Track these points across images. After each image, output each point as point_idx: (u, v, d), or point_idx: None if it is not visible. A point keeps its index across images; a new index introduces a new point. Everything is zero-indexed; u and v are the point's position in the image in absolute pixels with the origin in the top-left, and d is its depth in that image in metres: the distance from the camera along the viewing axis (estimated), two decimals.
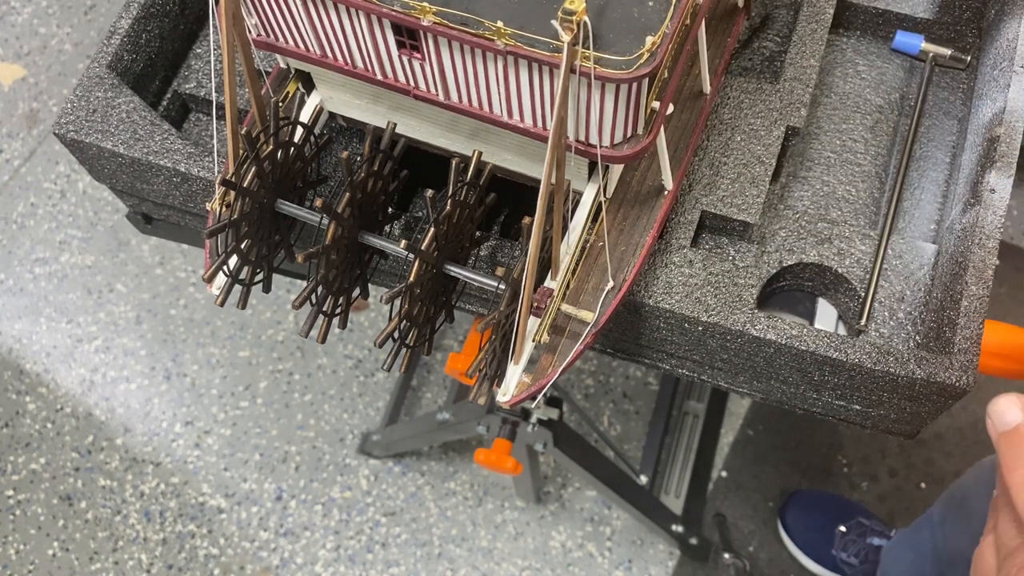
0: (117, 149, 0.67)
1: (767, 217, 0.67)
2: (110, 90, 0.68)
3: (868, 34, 0.77)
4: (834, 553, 1.36)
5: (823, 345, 0.59)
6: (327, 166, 0.69)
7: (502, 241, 0.65)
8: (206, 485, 1.52)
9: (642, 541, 1.46)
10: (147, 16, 0.71)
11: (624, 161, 0.52)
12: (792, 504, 1.44)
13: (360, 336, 1.61)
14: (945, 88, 0.75)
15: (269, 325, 1.62)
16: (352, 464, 1.53)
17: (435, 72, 0.51)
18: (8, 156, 1.77)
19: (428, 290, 0.55)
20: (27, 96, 1.82)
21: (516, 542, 1.47)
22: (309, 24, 0.53)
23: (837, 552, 1.35)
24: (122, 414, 1.57)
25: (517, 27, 0.45)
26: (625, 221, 0.60)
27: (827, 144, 0.73)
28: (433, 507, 1.50)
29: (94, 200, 1.72)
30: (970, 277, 0.59)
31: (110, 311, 1.64)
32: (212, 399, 1.57)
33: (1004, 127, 0.64)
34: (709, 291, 0.61)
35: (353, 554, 1.47)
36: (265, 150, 0.55)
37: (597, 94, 0.47)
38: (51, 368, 1.60)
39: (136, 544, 1.49)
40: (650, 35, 0.46)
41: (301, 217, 0.57)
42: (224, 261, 0.55)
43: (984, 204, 0.61)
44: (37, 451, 1.55)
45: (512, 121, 0.53)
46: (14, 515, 1.51)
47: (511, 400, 0.55)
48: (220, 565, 1.47)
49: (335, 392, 1.57)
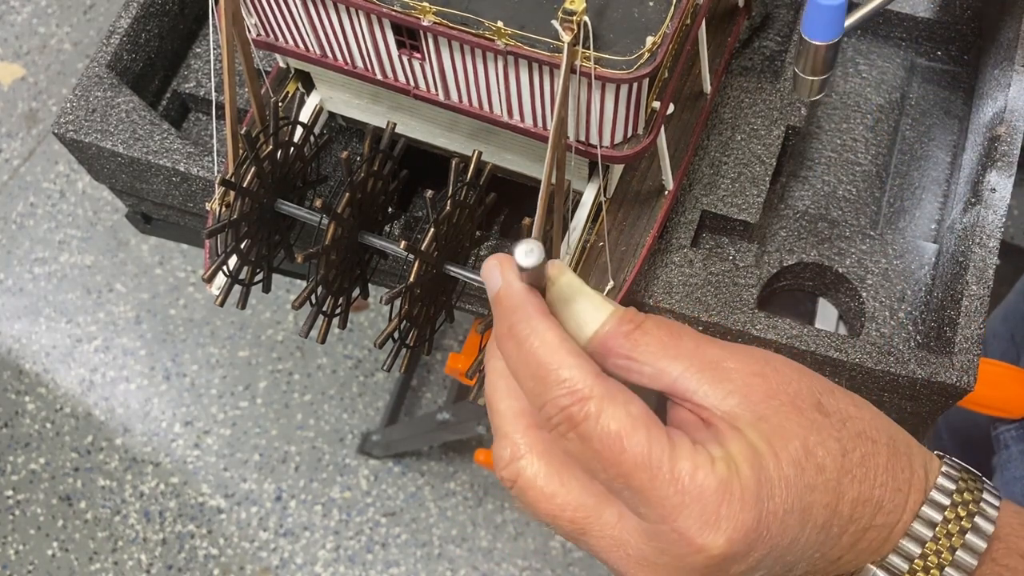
0: (116, 149, 0.66)
1: (767, 217, 0.67)
2: (109, 90, 0.68)
3: (868, 34, 0.77)
4: None
5: (823, 345, 0.58)
6: (327, 166, 0.69)
7: (502, 241, 0.65)
8: (206, 485, 1.52)
9: None
10: (146, 16, 0.71)
11: (624, 161, 0.52)
12: None
13: (360, 336, 1.61)
14: (946, 87, 0.75)
15: (269, 325, 1.61)
16: (352, 464, 1.53)
17: (435, 72, 0.51)
18: (7, 156, 1.77)
19: (428, 290, 0.55)
20: (26, 96, 1.82)
21: (516, 542, 1.47)
22: (309, 24, 0.53)
23: None
24: (121, 414, 1.57)
25: (517, 27, 0.45)
26: (625, 221, 0.60)
27: (827, 144, 0.73)
28: (433, 507, 1.50)
29: (93, 200, 1.72)
30: (971, 277, 0.59)
31: (109, 311, 1.64)
32: (212, 399, 1.57)
33: (1005, 126, 0.64)
34: (709, 291, 0.61)
35: (353, 554, 1.47)
36: (265, 150, 0.55)
37: (597, 94, 0.47)
38: (50, 368, 1.60)
39: (136, 544, 1.49)
40: (650, 35, 0.46)
41: (301, 217, 0.57)
42: (224, 261, 0.55)
43: (985, 203, 0.61)
44: (36, 451, 1.55)
45: (512, 121, 0.52)
46: (14, 515, 1.51)
47: None
48: (220, 565, 1.47)
49: (335, 392, 1.57)
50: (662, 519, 0.33)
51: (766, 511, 0.34)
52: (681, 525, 0.33)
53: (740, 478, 0.34)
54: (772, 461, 0.35)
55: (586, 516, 0.36)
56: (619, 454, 0.33)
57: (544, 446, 0.37)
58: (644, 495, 0.34)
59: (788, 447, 0.35)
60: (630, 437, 0.34)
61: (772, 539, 0.34)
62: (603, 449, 0.34)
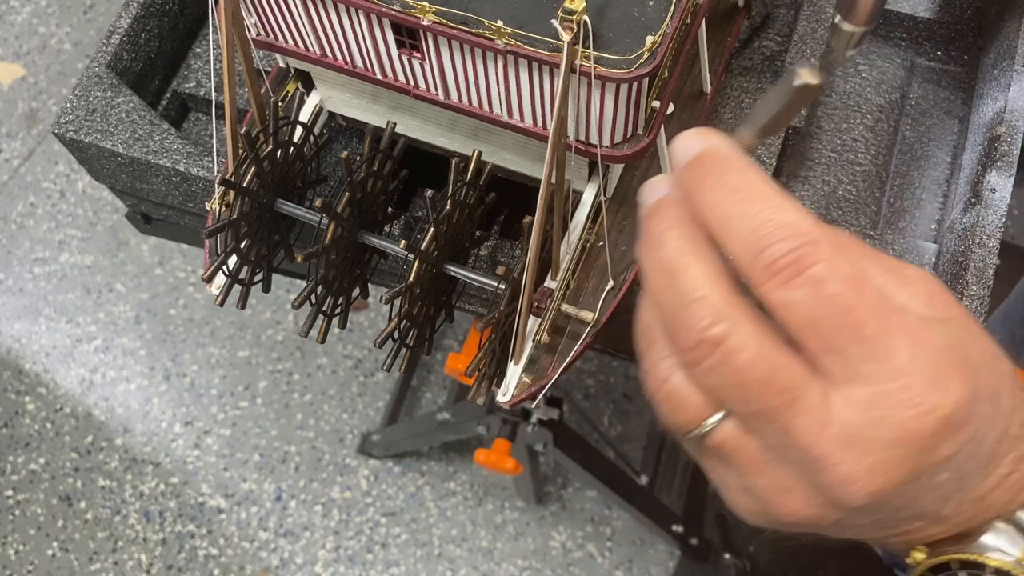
0: (116, 149, 0.66)
1: None
2: (109, 90, 0.68)
3: (868, 34, 0.77)
4: None
5: None
6: (327, 166, 0.69)
7: (502, 241, 0.65)
8: (206, 485, 1.52)
9: (642, 541, 1.46)
10: (146, 15, 0.71)
11: (624, 161, 0.52)
12: None
13: (360, 336, 1.61)
14: (946, 87, 0.75)
15: (269, 325, 1.61)
16: (352, 464, 1.53)
17: (435, 72, 0.51)
18: (7, 156, 1.77)
19: (428, 290, 0.55)
20: (26, 96, 1.82)
21: (516, 542, 1.47)
22: (309, 24, 0.53)
23: None
24: (121, 414, 1.57)
25: (517, 26, 0.45)
26: (625, 221, 0.60)
27: (827, 144, 0.73)
28: (433, 507, 1.50)
29: (93, 200, 1.72)
30: (971, 277, 0.59)
31: (109, 311, 1.64)
32: (212, 399, 1.57)
33: (1005, 126, 0.64)
34: None
35: (353, 554, 1.47)
36: (265, 150, 0.55)
37: (597, 94, 0.47)
38: (50, 368, 1.60)
39: (136, 544, 1.49)
40: (650, 35, 0.46)
41: (301, 217, 0.57)
42: (223, 261, 0.55)
43: (985, 203, 0.61)
44: (37, 451, 1.55)
45: (512, 121, 0.52)
46: (14, 515, 1.51)
47: (511, 400, 0.55)
48: (220, 565, 1.47)
49: (335, 392, 1.57)
50: (893, 375, 0.31)
51: (977, 386, 0.32)
52: (914, 381, 0.31)
53: (960, 346, 0.32)
54: (973, 347, 0.33)
55: (796, 385, 0.32)
56: (857, 297, 0.31)
57: (746, 309, 0.33)
58: (874, 345, 0.31)
59: (980, 342, 0.34)
60: (865, 282, 0.31)
61: (975, 424, 0.32)
62: (837, 295, 0.31)
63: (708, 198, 0.33)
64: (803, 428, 0.32)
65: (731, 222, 0.32)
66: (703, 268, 0.33)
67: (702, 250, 0.34)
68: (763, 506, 0.35)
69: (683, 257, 0.34)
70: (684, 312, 0.33)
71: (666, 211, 0.35)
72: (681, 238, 0.34)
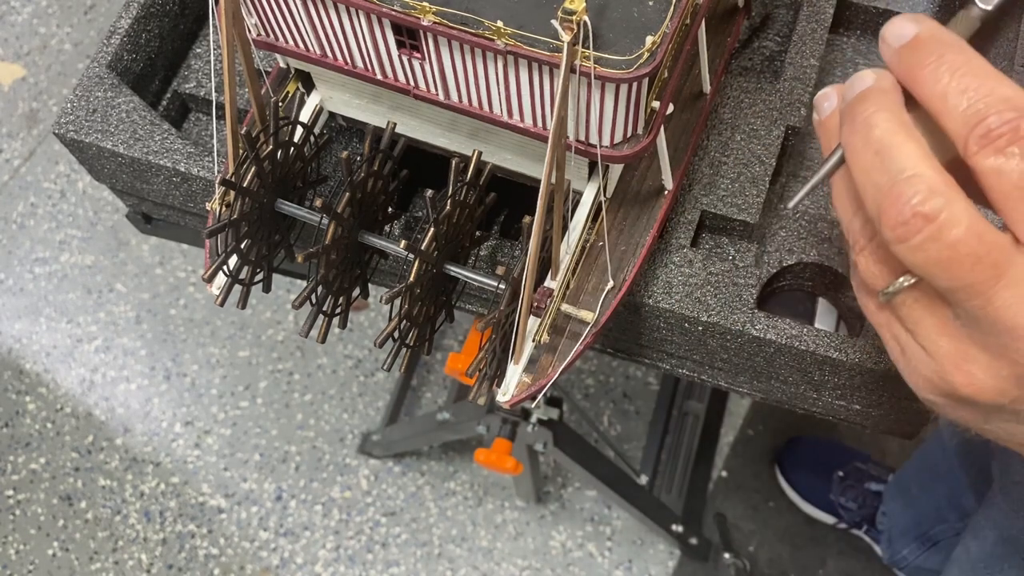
0: (117, 149, 0.66)
1: (767, 217, 0.67)
2: (110, 90, 0.68)
3: (868, 34, 0.77)
4: (832, 498, 1.36)
5: (823, 345, 0.59)
6: (327, 166, 0.69)
7: (502, 241, 0.65)
8: (206, 485, 1.52)
9: (642, 541, 1.46)
10: (147, 16, 0.71)
11: (624, 161, 0.52)
12: (790, 450, 1.44)
13: (360, 336, 1.61)
14: None
15: (269, 325, 1.62)
16: (352, 464, 1.53)
17: (435, 72, 0.51)
18: (8, 156, 1.77)
19: (428, 290, 0.55)
20: (27, 96, 1.82)
21: (516, 542, 1.47)
22: (309, 24, 0.53)
23: (836, 497, 1.35)
24: (122, 414, 1.57)
25: (517, 27, 0.45)
26: (625, 221, 0.60)
27: None
28: (433, 507, 1.50)
29: (94, 200, 1.72)
30: None
31: (110, 311, 1.64)
32: (212, 399, 1.57)
33: None
34: (709, 291, 0.61)
35: (353, 554, 1.47)
36: (265, 150, 0.55)
37: (597, 94, 0.47)
38: (51, 368, 1.60)
39: (136, 544, 1.49)
40: (650, 35, 0.46)
41: (301, 217, 0.57)
42: (224, 261, 0.55)
43: None
44: (37, 451, 1.55)
45: (512, 121, 0.52)
46: (14, 515, 1.51)
47: (511, 400, 0.55)
48: (220, 565, 1.47)
49: (335, 392, 1.57)
50: None
51: None
52: None
53: None
54: None
55: (1005, 260, 0.33)
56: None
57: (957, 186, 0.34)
58: None
59: None
60: None
61: None
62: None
63: (929, 75, 0.35)
64: (1006, 301, 0.33)
65: (951, 98, 0.34)
66: (915, 147, 0.35)
67: (913, 131, 0.35)
68: (942, 374, 0.36)
69: (895, 136, 0.35)
70: (896, 188, 0.34)
71: (876, 96, 0.36)
72: (892, 119, 0.35)
